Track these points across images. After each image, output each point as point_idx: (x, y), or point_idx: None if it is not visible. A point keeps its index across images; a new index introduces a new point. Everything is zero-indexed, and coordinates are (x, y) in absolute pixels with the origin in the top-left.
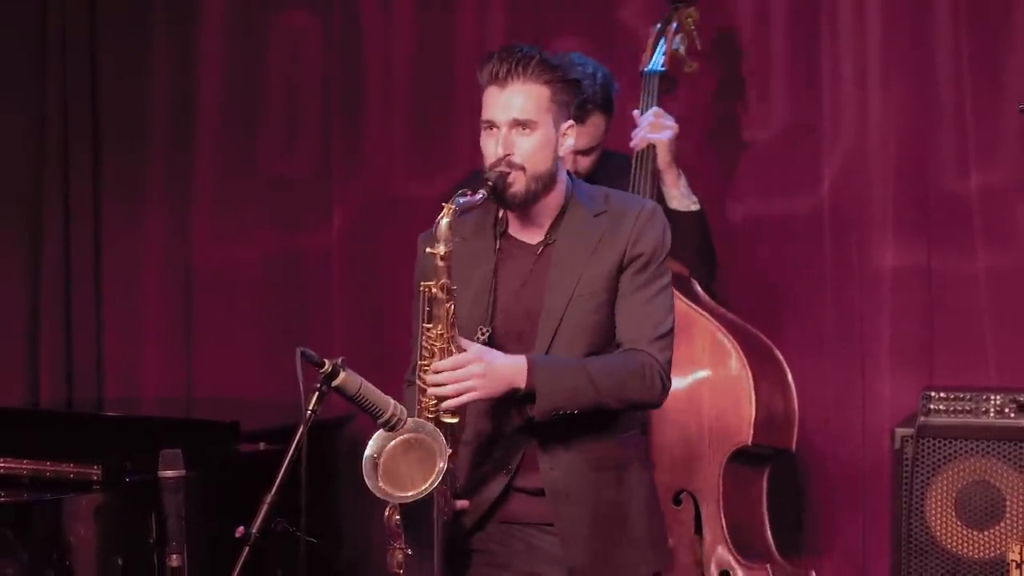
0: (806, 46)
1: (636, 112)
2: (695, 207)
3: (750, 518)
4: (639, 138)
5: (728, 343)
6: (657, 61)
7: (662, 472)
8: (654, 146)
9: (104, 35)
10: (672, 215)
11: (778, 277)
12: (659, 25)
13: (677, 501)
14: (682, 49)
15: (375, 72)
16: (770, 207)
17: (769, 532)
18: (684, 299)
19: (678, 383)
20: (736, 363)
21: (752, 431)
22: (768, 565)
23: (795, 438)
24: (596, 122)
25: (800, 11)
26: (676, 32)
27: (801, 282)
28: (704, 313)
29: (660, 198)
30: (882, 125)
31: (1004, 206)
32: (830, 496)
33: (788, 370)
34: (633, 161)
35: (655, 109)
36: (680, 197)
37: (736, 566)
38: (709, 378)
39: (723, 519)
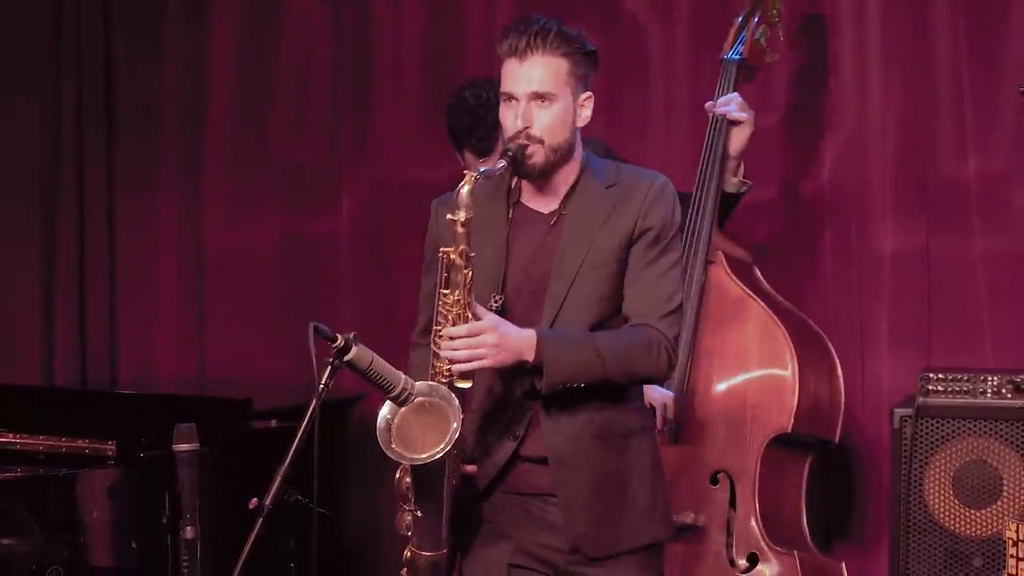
0: (807, 33)
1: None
2: (744, 189)
3: (785, 504)
4: (722, 110)
5: (778, 331)
6: (736, 50)
7: (702, 450)
8: (730, 125)
9: (118, 26)
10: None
11: (779, 261)
12: (743, 14)
13: (714, 480)
14: (763, 40)
15: (384, 60)
16: (771, 192)
17: (805, 521)
18: (740, 284)
19: (727, 366)
20: (784, 351)
21: (793, 419)
22: (796, 552)
23: (839, 431)
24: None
25: None
26: (760, 23)
27: (801, 266)
28: (758, 300)
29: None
30: (882, 111)
31: (1001, 191)
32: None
33: (838, 362)
34: (708, 130)
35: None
36: (735, 184)
37: (764, 549)
38: (757, 363)
39: (757, 502)
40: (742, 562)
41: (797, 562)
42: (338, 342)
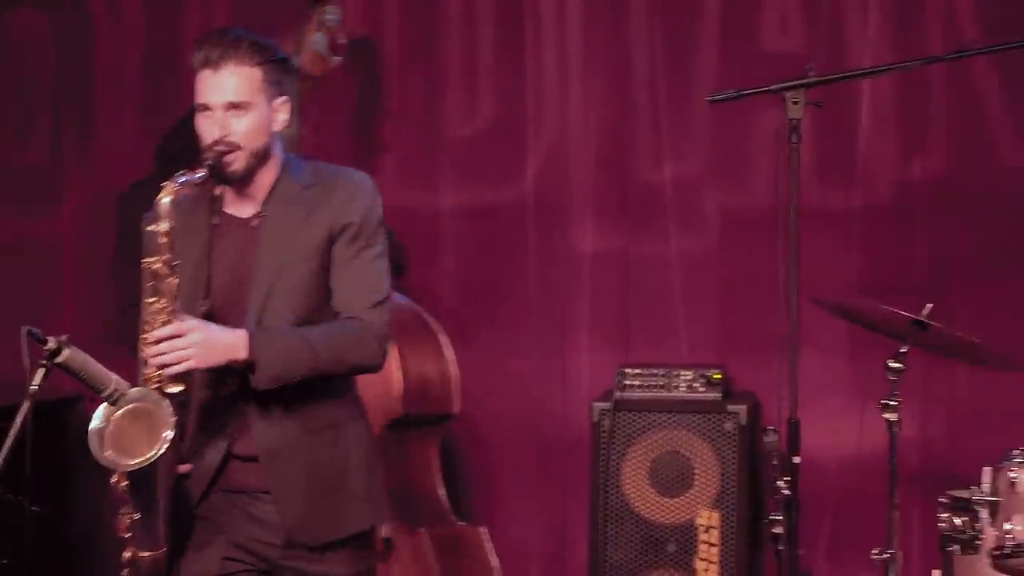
0: (512, 42)
1: None
2: None
3: (418, 483)
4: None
5: None
6: (295, 62)
7: None
8: None
9: None
10: None
11: (485, 262)
12: (300, 26)
13: None
14: (322, 47)
15: (105, 66)
16: (477, 196)
17: (442, 495)
18: None
19: None
20: None
21: (403, 403)
22: (424, 528)
23: (456, 402)
24: None
25: (505, 7)
26: (317, 30)
27: (507, 267)
28: None
29: None
30: (583, 118)
31: (694, 195)
32: (533, 466)
33: (443, 338)
34: None
35: None
36: None
37: (392, 531)
38: None
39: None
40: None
41: (426, 537)
42: (50, 344)
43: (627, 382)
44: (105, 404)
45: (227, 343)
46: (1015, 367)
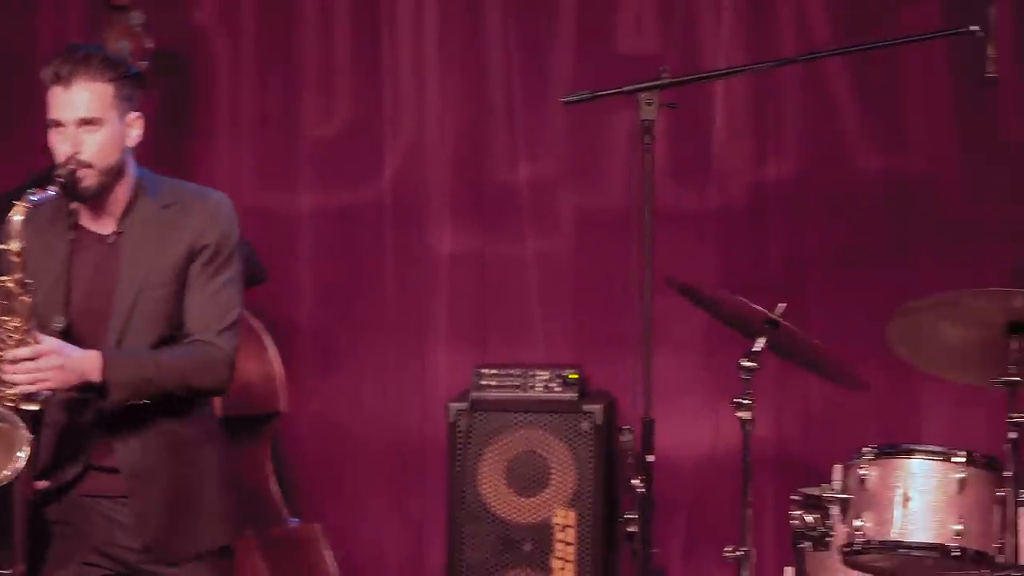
0: (368, 42)
1: None
2: None
3: (246, 485)
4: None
5: None
6: None
7: None
8: None
9: None
10: None
11: (343, 263)
12: (103, 31)
13: None
14: (126, 52)
15: None
16: (335, 197)
17: (275, 494)
18: None
19: None
20: None
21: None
22: (252, 530)
23: (282, 400)
24: None
25: (361, 7)
26: (121, 36)
27: (364, 267)
28: None
29: None
30: (440, 119)
31: (549, 195)
32: (390, 466)
33: (267, 338)
34: None
35: None
36: None
37: None
38: None
39: None
40: None
41: (253, 539)
42: None
43: (484, 382)
44: None
45: (82, 365)
46: (858, 387)
